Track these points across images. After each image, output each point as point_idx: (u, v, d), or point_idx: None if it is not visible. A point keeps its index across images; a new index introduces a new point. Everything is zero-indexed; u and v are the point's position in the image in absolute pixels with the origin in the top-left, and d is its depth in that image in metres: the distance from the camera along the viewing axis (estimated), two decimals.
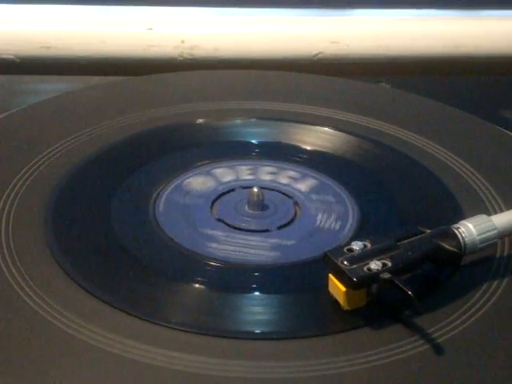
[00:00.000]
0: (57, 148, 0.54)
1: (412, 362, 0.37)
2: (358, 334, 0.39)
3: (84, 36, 0.77)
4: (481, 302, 0.41)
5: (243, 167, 0.54)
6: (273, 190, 0.52)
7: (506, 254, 0.45)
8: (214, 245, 0.46)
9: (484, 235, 0.42)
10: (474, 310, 0.41)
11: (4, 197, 0.48)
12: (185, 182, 0.52)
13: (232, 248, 0.46)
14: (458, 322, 0.40)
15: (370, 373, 0.37)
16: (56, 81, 0.87)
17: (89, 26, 0.78)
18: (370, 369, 0.37)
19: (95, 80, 0.78)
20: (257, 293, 0.43)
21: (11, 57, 0.76)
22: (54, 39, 0.77)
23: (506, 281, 0.43)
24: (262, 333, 0.39)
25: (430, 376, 0.37)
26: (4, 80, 0.87)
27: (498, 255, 0.45)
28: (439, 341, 0.38)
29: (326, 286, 0.40)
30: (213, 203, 0.50)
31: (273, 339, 0.39)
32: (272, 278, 0.44)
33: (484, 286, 0.42)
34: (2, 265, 0.43)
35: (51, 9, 0.87)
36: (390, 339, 0.38)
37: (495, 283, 0.43)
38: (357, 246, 0.40)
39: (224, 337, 0.39)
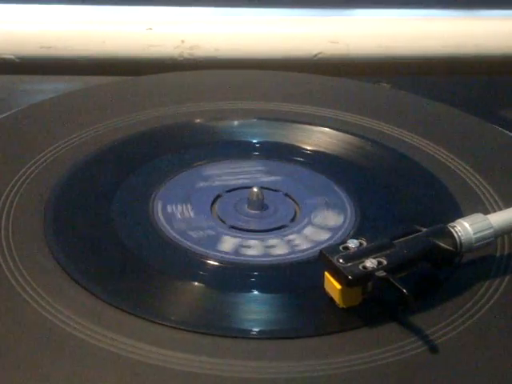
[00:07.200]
0: (57, 148, 0.54)
1: (411, 362, 0.37)
2: (357, 335, 0.39)
3: (84, 36, 0.77)
4: (481, 302, 0.41)
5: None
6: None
7: (506, 253, 0.45)
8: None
9: (480, 234, 0.42)
10: (474, 309, 0.41)
11: (4, 197, 0.48)
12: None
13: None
14: (459, 322, 0.40)
15: (368, 374, 0.37)
16: (56, 81, 0.87)
17: (89, 26, 0.78)
18: (368, 370, 0.37)
19: (95, 80, 0.78)
20: (256, 292, 0.43)
21: (11, 57, 0.76)
22: (54, 39, 0.77)
23: (506, 281, 0.43)
24: (260, 332, 0.39)
25: (429, 377, 0.37)
26: (4, 80, 0.87)
27: (498, 255, 0.45)
28: (439, 341, 0.38)
29: (323, 284, 0.40)
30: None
31: (272, 339, 0.39)
32: (272, 277, 0.44)
33: (484, 286, 0.42)
34: (3, 264, 0.43)
35: (51, 9, 0.87)
36: (389, 340, 0.38)
37: (495, 283, 0.43)
38: (352, 244, 0.40)
39: (223, 336, 0.39)
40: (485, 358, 0.38)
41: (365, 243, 0.41)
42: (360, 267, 0.39)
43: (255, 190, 0.49)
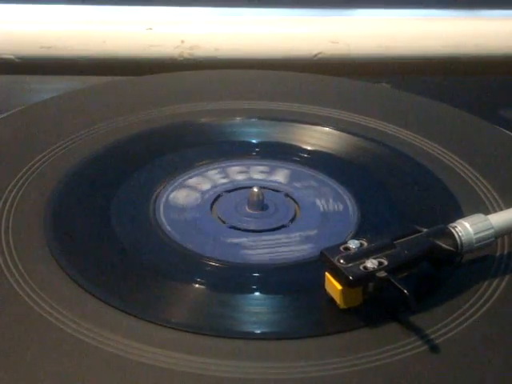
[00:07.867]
0: (57, 148, 0.54)
1: (411, 362, 0.37)
2: (358, 335, 0.39)
3: (84, 36, 0.77)
4: (481, 302, 0.41)
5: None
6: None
7: (506, 253, 0.45)
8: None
9: (480, 234, 0.42)
10: (474, 309, 0.41)
11: (4, 196, 0.48)
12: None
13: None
14: (459, 322, 0.40)
15: (369, 374, 0.37)
16: (56, 81, 0.87)
17: (89, 26, 0.78)
18: (369, 370, 0.37)
19: (95, 80, 0.78)
20: (256, 293, 0.43)
21: (11, 57, 0.76)
22: (54, 39, 0.77)
23: (506, 281, 0.43)
24: (260, 333, 0.39)
25: (429, 377, 0.37)
26: (4, 80, 0.87)
27: (497, 255, 0.45)
28: (439, 341, 0.38)
29: (323, 284, 0.40)
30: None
31: (272, 339, 0.39)
32: (272, 278, 0.44)
33: (484, 286, 0.42)
34: (2, 264, 0.43)
35: (51, 9, 0.87)
36: (390, 340, 0.38)
37: (495, 283, 0.43)
38: (353, 244, 0.40)
39: (224, 337, 0.39)
40: (485, 358, 0.38)
41: (365, 244, 0.41)
42: (361, 268, 0.39)
43: (255, 190, 0.49)
